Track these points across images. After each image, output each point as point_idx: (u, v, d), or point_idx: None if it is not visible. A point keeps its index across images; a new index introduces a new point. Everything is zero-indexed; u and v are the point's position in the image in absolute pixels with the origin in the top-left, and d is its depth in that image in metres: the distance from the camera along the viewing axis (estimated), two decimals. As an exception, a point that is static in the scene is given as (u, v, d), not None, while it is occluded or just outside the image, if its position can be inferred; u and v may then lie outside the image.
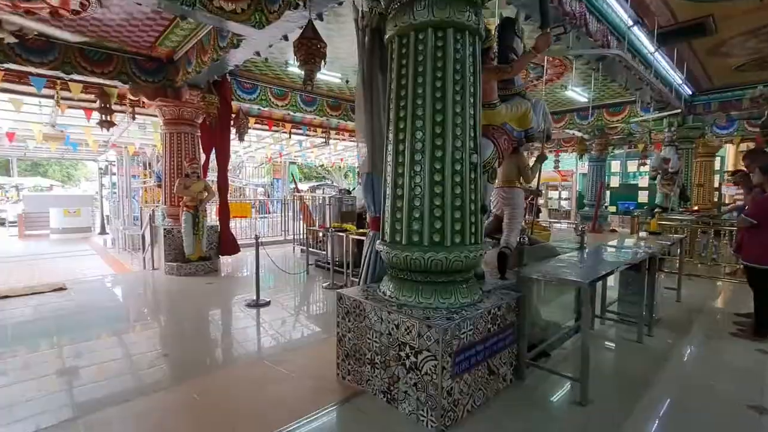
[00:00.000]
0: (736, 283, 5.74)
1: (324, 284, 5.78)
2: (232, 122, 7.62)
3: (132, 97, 6.41)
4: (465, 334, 2.17)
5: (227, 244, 6.97)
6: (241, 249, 7.35)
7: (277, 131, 10.29)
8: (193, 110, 6.58)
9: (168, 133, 6.67)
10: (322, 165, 18.34)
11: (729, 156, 14.10)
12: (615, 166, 15.82)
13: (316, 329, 4.07)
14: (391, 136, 2.46)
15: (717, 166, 13.29)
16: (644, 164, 13.56)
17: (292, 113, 8.31)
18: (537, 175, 3.37)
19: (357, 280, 3.02)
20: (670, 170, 7.90)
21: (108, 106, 6.40)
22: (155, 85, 6.31)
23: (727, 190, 13.59)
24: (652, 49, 5.31)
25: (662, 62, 6.09)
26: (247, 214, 9.46)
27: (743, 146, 13.48)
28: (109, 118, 6.41)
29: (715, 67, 6.64)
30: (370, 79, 2.85)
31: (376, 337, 2.36)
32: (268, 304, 4.83)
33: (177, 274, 6.34)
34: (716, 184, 12.89)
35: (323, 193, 11.43)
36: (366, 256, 2.94)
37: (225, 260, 7.38)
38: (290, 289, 5.78)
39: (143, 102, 6.85)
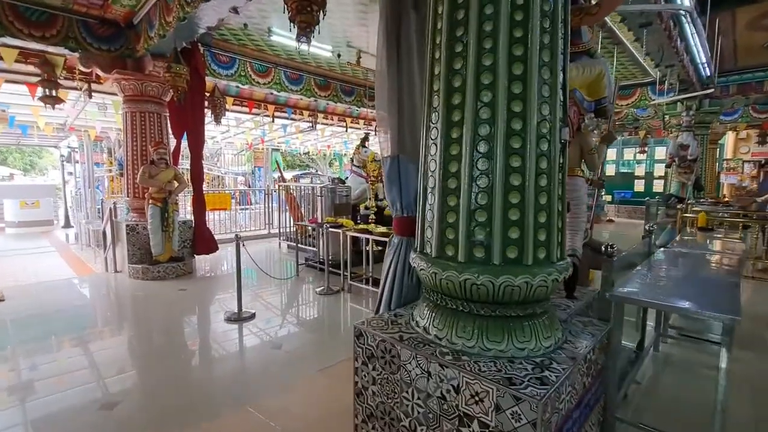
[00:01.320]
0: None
1: (317, 289, 4.98)
2: (206, 101, 6.65)
3: (83, 69, 5.36)
4: (564, 402, 1.43)
5: (203, 241, 6.07)
6: (219, 246, 6.45)
7: (258, 114, 9.30)
8: (159, 85, 5.58)
9: (129, 112, 5.66)
10: (307, 152, 17.31)
11: (728, 144, 13.82)
12: (611, 153, 15.36)
13: (315, 355, 3.28)
14: (437, 103, 1.66)
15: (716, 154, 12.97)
16: (643, 152, 13.16)
17: (275, 92, 7.35)
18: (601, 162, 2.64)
19: (377, 304, 2.23)
20: (689, 157, 7.35)
21: (53, 79, 5.34)
22: (112, 55, 5.28)
23: (726, 179, 13.32)
24: (693, 12, 4.62)
25: (695, 36, 5.43)
26: (226, 206, 8.52)
27: (743, 134, 13.20)
28: (54, 93, 5.36)
29: (746, 43, 6.03)
30: (397, 29, 2.03)
31: (418, 399, 1.60)
32: (252, 317, 4.00)
33: (143, 277, 5.42)
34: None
35: (312, 182, 10.52)
36: (389, 271, 2.16)
37: (201, 260, 6.47)
38: (278, 296, 4.96)
39: (99, 76, 5.80)
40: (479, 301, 1.59)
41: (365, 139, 7.31)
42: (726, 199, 9.01)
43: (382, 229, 4.68)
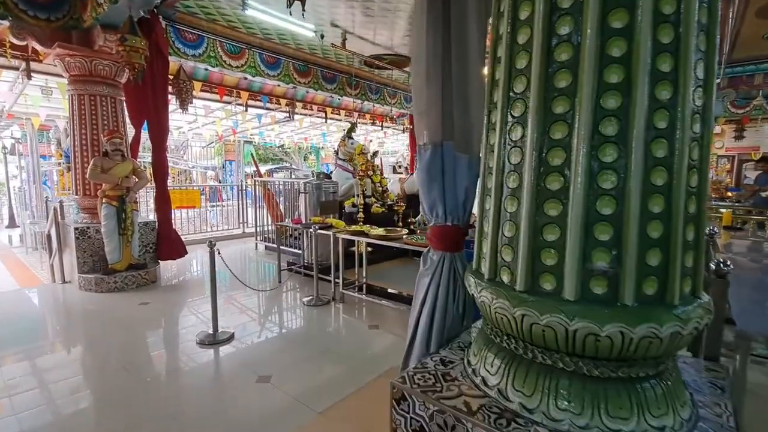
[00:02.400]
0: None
1: (305, 299, 4.37)
2: (170, 85, 5.85)
3: (16, 41, 4.47)
4: None
5: (168, 245, 5.31)
6: (188, 250, 5.70)
7: (230, 102, 8.47)
8: (112, 63, 4.76)
9: (76, 95, 4.81)
10: (282, 145, 16.41)
11: (702, 139, 14.03)
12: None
13: (314, 390, 2.70)
14: (526, 63, 1.13)
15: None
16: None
17: (250, 77, 6.60)
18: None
19: (409, 341, 1.67)
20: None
21: (-24, 51, 4.43)
22: (52, 25, 4.42)
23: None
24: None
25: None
26: (195, 204, 7.70)
27: (718, 129, 13.45)
28: (-21, 70, 4.44)
29: (748, 32, 5.84)
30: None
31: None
32: (230, 338, 3.37)
33: (96, 290, 4.63)
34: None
35: (291, 176, 9.80)
36: (426, 298, 1.62)
37: (167, 266, 5.70)
38: (260, 310, 4.31)
39: (37, 52, 4.91)
40: (594, 357, 1.08)
41: (351, 129, 6.71)
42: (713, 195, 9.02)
43: (379, 230, 4.12)
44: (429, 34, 1.47)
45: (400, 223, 6.90)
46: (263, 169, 19.15)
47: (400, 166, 13.92)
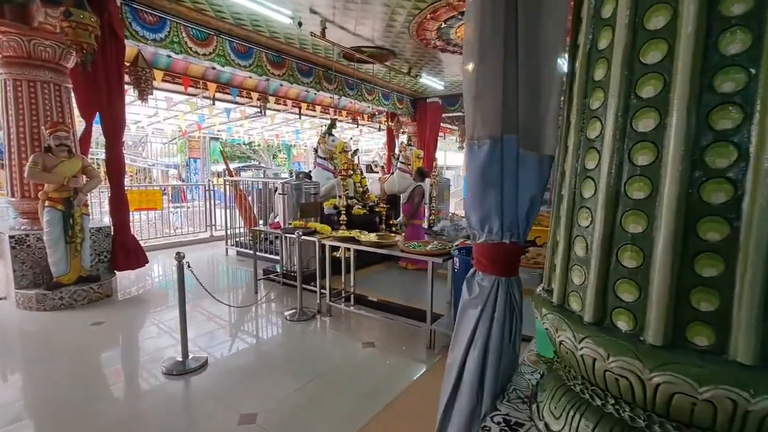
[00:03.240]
0: None
1: (287, 313, 3.92)
2: (127, 73, 5.21)
3: (-69, 13, 3.73)
4: None
5: (126, 253, 4.69)
6: (149, 258, 5.08)
7: (195, 95, 7.79)
8: (56, 44, 4.09)
9: (11, 80, 4.11)
10: (251, 143, 15.61)
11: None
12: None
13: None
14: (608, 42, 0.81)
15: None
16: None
17: (218, 67, 6.00)
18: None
19: (451, 393, 1.31)
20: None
21: None
22: (-22, -4, 3.72)
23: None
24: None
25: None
26: (156, 206, 7.00)
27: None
28: None
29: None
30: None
31: None
32: (203, 366, 2.89)
33: (38, 307, 3.97)
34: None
35: (264, 176, 9.22)
36: (475, 337, 1.27)
37: (124, 277, 5.05)
38: (236, 327, 3.81)
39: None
40: (688, 425, 0.77)
41: (332, 125, 6.28)
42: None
43: (370, 236, 3.74)
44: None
45: (383, 225, 6.57)
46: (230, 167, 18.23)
47: (376, 166, 13.56)
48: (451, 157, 22.78)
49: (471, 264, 1.37)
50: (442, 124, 11.08)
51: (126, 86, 5.53)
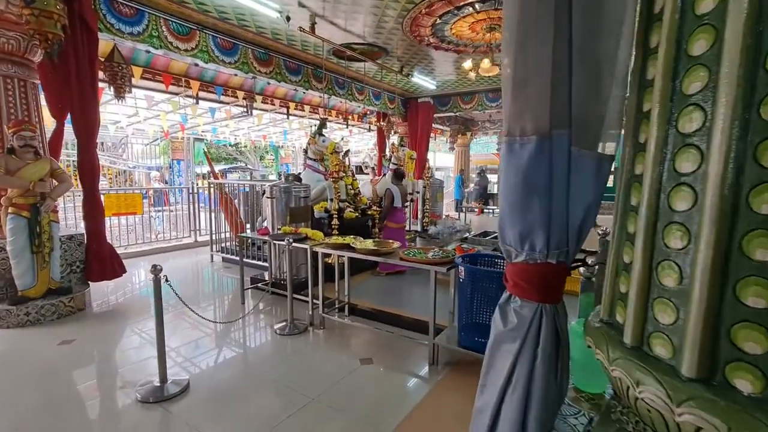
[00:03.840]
0: None
1: (277, 326, 3.65)
2: (102, 69, 4.87)
3: None
4: None
5: (101, 262, 4.35)
6: (127, 267, 4.74)
7: (178, 94, 7.44)
8: (20, 36, 3.74)
9: (-30, 74, 3.74)
10: (237, 144, 15.19)
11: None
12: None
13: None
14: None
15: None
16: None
17: (202, 64, 5.68)
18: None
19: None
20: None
21: None
22: (-70, -19, 3.36)
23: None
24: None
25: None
26: (136, 210, 6.62)
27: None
28: None
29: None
30: None
31: None
32: (184, 390, 2.60)
33: (1, 324, 3.61)
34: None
35: (251, 178, 8.89)
36: (514, 376, 1.04)
37: (99, 289, 4.69)
38: (220, 342, 3.52)
39: None
40: None
41: (322, 125, 6.01)
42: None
43: (367, 243, 3.49)
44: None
45: (375, 229, 6.32)
46: (215, 169, 17.77)
47: (366, 167, 13.31)
48: (441, 158, 22.69)
49: (504, 285, 1.13)
50: (433, 124, 10.91)
51: (102, 84, 5.22)
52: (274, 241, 4.14)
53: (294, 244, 3.69)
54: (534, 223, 0.97)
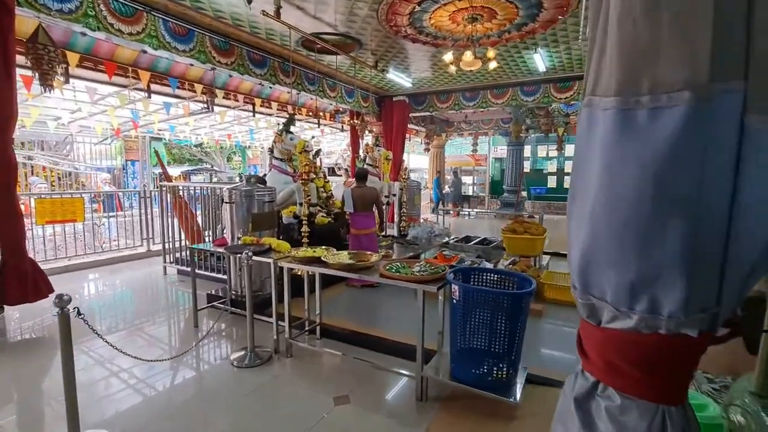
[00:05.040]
0: None
1: (234, 356, 3.07)
2: (23, 53, 4.15)
3: None
4: None
5: (19, 282, 3.63)
6: (55, 286, 4.00)
7: (125, 86, 6.65)
8: None
9: None
10: (201, 144, 14.21)
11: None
12: (525, 150, 15.66)
13: None
14: None
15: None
16: (560, 150, 13.46)
17: (151, 50, 4.99)
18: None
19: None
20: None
21: None
22: None
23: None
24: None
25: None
26: (76, 217, 5.80)
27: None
28: None
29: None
30: None
31: None
32: (105, 456, 2.00)
33: None
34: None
35: (212, 180, 8.19)
36: None
37: (20, 312, 3.94)
38: (161, 383, 2.88)
39: None
40: None
41: (290, 121, 5.44)
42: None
43: (341, 256, 2.97)
44: None
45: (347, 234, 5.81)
46: (178, 171, 16.69)
47: (339, 168, 12.76)
48: (415, 159, 22.38)
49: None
50: (408, 125, 10.51)
51: (25, 71, 4.46)
52: (232, 254, 3.55)
53: (255, 258, 3.12)
54: (665, 262, 0.51)
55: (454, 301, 2.38)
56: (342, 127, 11.60)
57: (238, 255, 3.30)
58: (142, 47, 4.89)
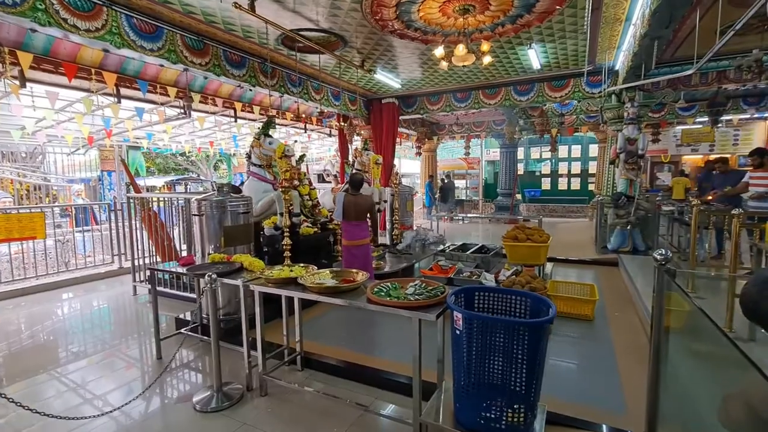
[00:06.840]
0: None
1: (197, 398, 2.59)
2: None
3: None
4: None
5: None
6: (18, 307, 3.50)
7: (91, 92, 6.15)
8: None
9: None
10: (184, 152, 13.66)
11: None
12: (518, 152, 15.37)
13: None
14: None
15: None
16: (553, 151, 13.16)
17: (114, 49, 4.52)
18: None
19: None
20: (639, 152, 6.76)
21: None
22: None
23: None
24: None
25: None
26: (35, 234, 5.28)
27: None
28: None
29: (706, 26, 5.41)
30: None
31: None
32: None
33: None
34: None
35: (187, 189, 7.72)
36: None
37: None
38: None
39: None
40: None
41: (269, 125, 5.01)
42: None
43: (322, 275, 2.53)
44: None
45: (338, 246, 5.37)
46: (161, 181, 16.09)
47: (328, 174, 12.31)
48: (406, 164, 22.02)
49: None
50: (398, 128, 10.13)
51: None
52: (196, 277, 3.08)
53: (224, 280, 2.67)
54: None
55: (457, 332, 1.95)
56: (330, 131, 11.19)
57: (201, 278, 2.83)
58: (104, 46, 4.42)
